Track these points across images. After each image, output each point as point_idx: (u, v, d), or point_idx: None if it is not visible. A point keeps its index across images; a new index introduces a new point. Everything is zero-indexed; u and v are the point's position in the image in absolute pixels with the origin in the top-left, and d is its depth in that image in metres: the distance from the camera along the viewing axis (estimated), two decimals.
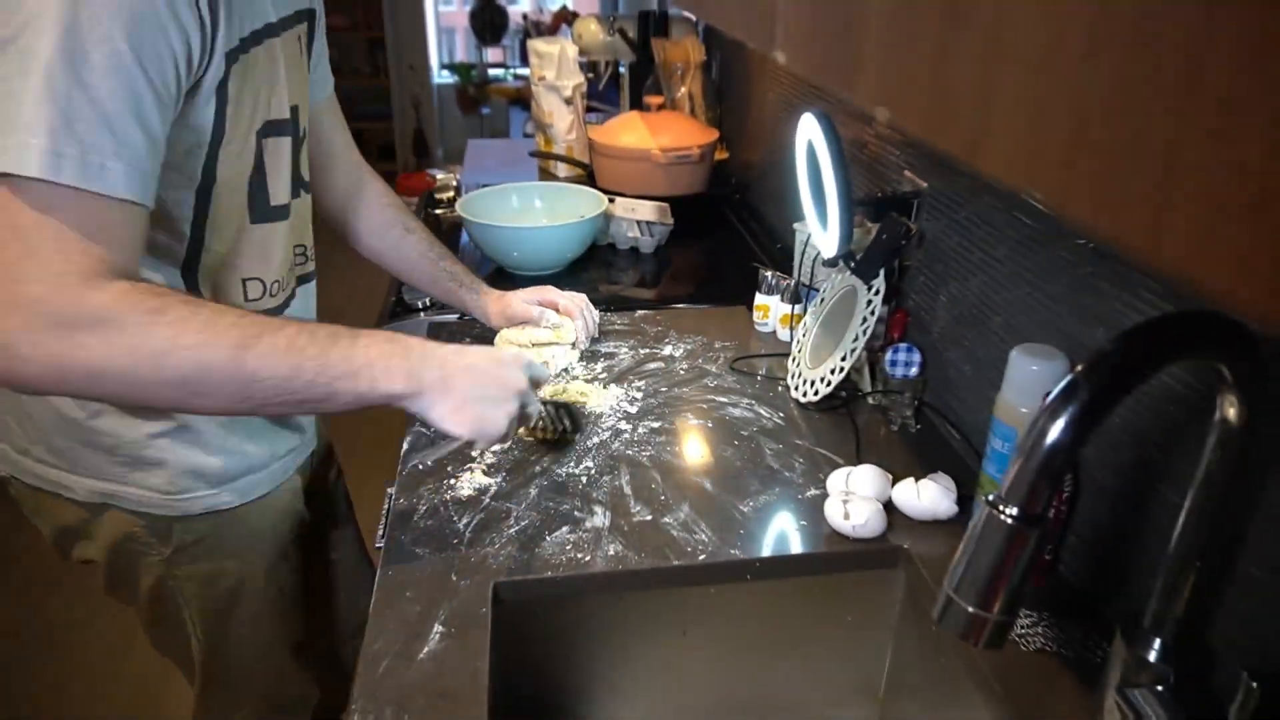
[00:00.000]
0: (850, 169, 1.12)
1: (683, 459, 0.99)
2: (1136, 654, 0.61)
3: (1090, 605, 0.79)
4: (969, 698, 0.76)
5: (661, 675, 0.91)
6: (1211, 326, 0.48)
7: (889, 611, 0.90)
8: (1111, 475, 0.77)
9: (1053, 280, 0.83)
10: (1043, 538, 0.49)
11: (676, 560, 0.84)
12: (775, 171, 1.69)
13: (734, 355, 1.23)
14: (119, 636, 2.03)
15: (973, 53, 0.37)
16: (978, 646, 0.51)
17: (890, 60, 0.46)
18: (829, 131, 1.01)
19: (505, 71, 5.82)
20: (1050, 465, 0.46)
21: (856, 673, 0.93)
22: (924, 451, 1.01)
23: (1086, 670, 0.73)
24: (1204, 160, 0.25)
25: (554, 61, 1.97)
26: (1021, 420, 0.78)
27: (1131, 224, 0.29)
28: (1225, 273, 0.25)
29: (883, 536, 0.86)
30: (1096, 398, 0.45)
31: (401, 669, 0.71)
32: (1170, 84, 0.26)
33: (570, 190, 1.62)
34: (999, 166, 0.36)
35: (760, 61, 1.79)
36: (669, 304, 1.40)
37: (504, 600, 0.81)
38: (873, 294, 1.04)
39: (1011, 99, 0.35)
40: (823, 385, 1.06)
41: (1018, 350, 0.78)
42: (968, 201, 0.97)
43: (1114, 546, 0.77)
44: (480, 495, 0.92)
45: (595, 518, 0.89)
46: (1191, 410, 0.68)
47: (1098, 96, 0.30)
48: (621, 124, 1.77)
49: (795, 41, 0.61)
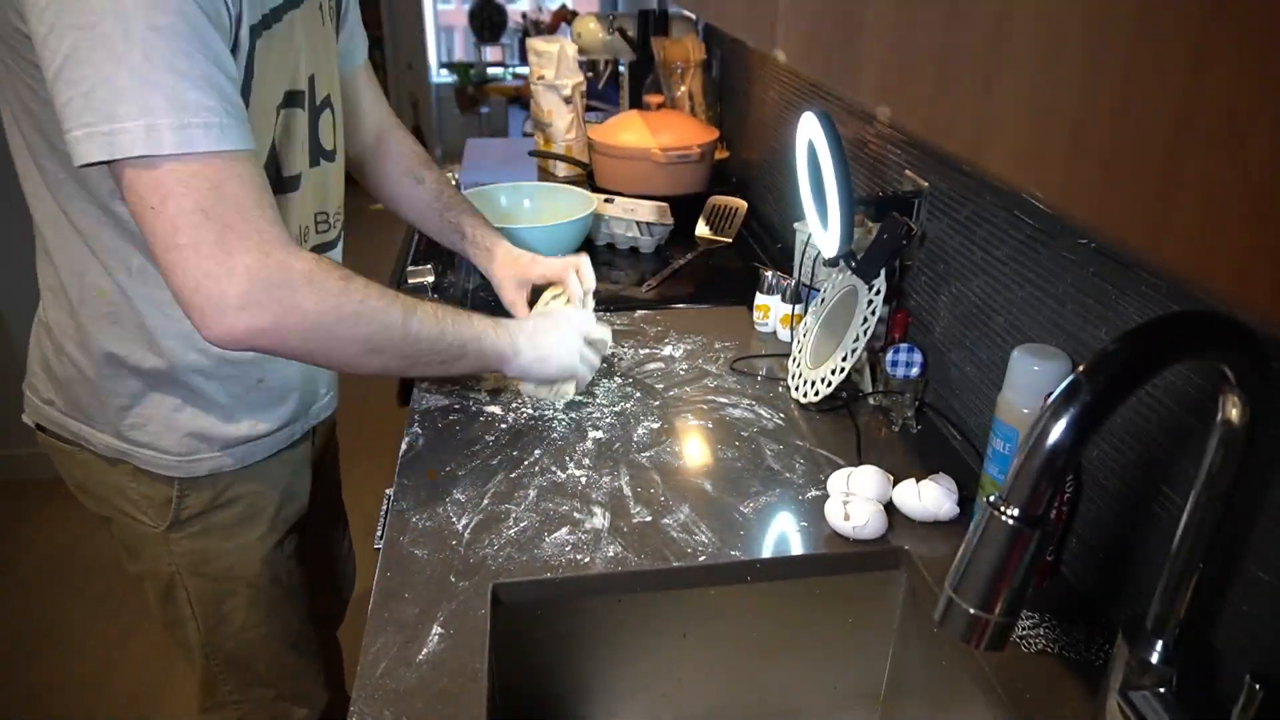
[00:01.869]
0: (851, 168, 1.12)
1: (683, 460, 0.99)
2: (1139, 656, 0.61)
3: (1092, 607, 0.79)
4: (970, 700, 0.76)
5: (661, 677, 0.91)
6: (1214, 327, 0.48)
7: (890, 613, 0.90)
8: (1114, 476, 0.77)
9: (1054, 280, 0.83)
10: (1044, 539, 0.48)
11: (676, 562, 0.83)
12: (775, 171, 1.68)
13: (734, 355, 1.23)
14: (119, 636, 2.03)
15: (974, 51, 0.37)
16: (979, 648, 0.50)
17: (891, 59, 0.45)
18: (829, 131, 1.00)
19: (504, 70, 5.82)
20: (1052, 466, 0.46)
21: (857, 674, 0.93)
22: (925, 452, 1.01)
23: (1089, 672, 0.72)
24: (1206, 160, 0.25)
25: (553, 60, 1.96)
26: (1023, 421, 0.77)
27: (1134, 224, 0.28)
28: (1227, 273, 0.25)
29: (883, 538, 0.86)
30: (1098, 398, 0.45)
31: (400, 670, 0.71)
32: (1173, 83, 0.26)
33: (560, 190, 1.61)
34: (1001, 166, 0.36)
35: (760, 60, 1.79)
36: (669, 304, 1.40)
37: (503, 602, 0.80)
38: (873, 294, 1.04)
39: (1013, 98, 0.35)
40: (823, 386, 1.06)
41: (1019, 350, 0.78)
42: (969, 201, 0.97)
43: (1116, 548, 0.77)
44: (479, 496, 0.92)
45: (595, 519, 0.89)
46: (1194, 411, 0.67)
47: (1100, 96, 0.29)
48: (621, 123, 1.77)
49: (796, 40, 0.60)
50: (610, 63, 2.43)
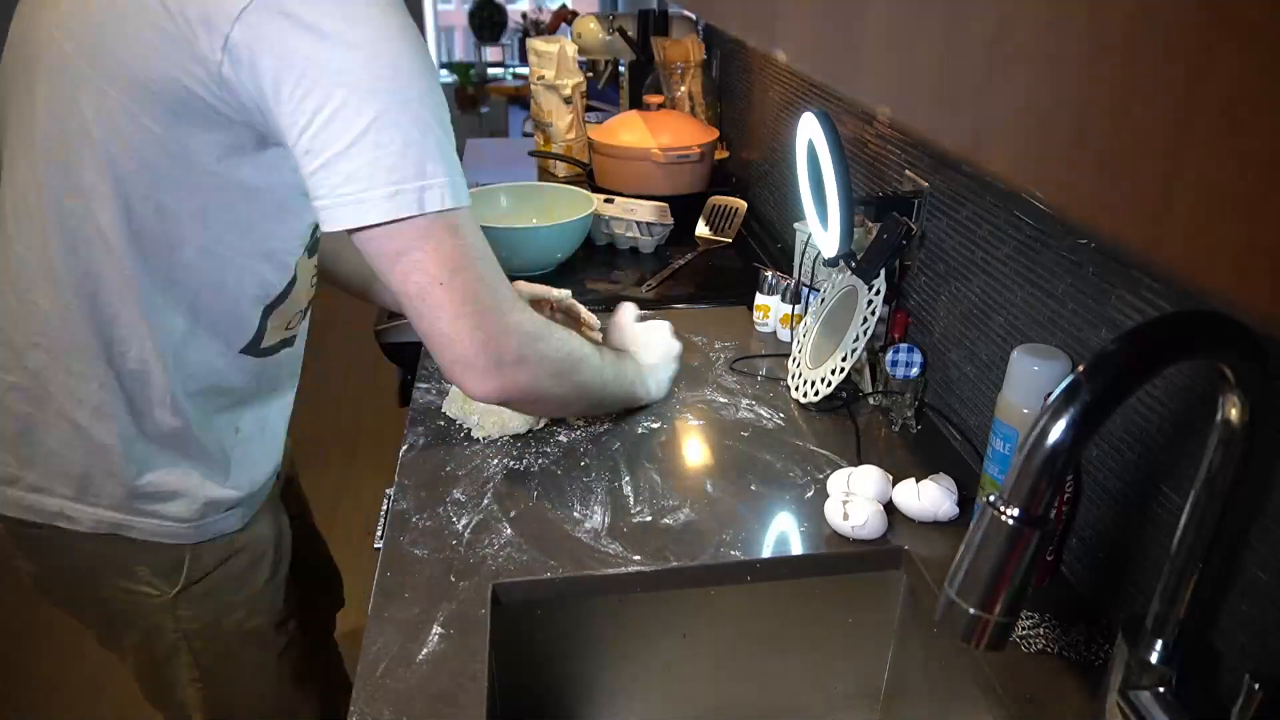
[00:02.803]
0: (851, 168, 1.12)
1: (682, 460, 0.99)
2: (1139, 656, 0.61)
3: (1092, 607, 0.79)
4: (970, 700, 0.76)
5: (661, 677, 0.91)
6: (1213, 326, 0.48)
7: (890, 613, 0.90)
8: (1114, 476, 0.77)
9: (1054, 280, 0.83)
10: (1044, 539, 0.48)
11: (676, 562, 0.83)
12: (775, 171, 1.68)
13: (734, 355, 1.23)
14: None
15: (974, 51, 0.37)
16: (979, 648, 0.50)
17: (891, 59, 0.45)
18: (829, 131, 1.00)
19: (504, 70, 5.82)
20: (1052, 466, 0.46)
21: (857, 675, 0.93)
22: (925, 452, 1.01)
23: (1089, 672, 0.72)
24: (1206, 160, 0.25)
25: (553, 60, 1.96)
26: (1023, 421, 0.77)
27: (1133, 224, 0.28)
28: (1227, 273, 0.25)
29: (883, 538, 0.86)
30: (1098, 398, 0.45)
31: (400, 671, 0.71)
32: (1173, 84, 0.26)
33: (560, 190, 1.61)
34: (1001, 166, 0.36)
35: (760, 60, 1.79)
36: (669, 304, 1.40)
37: (503, 602, 0.80)
38: (873, 294, 1.04)
39: (1013, 98, 0.35)
40: (823, 386, 1.06)
41: (1019, 350, 0.78)
42: (969, 201, 0.97)
43: (1116, 547, 0.77)
44: (479, 496, 0.92)
45: (594, 519, 0.89)
46: (1194, 411, 0.67)
47: (1100, 96, 0.29)
48: (621, 123, 1.77)
49: (796, 40, 0.60)
50: (610, 63, 2.43)
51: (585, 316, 1.19)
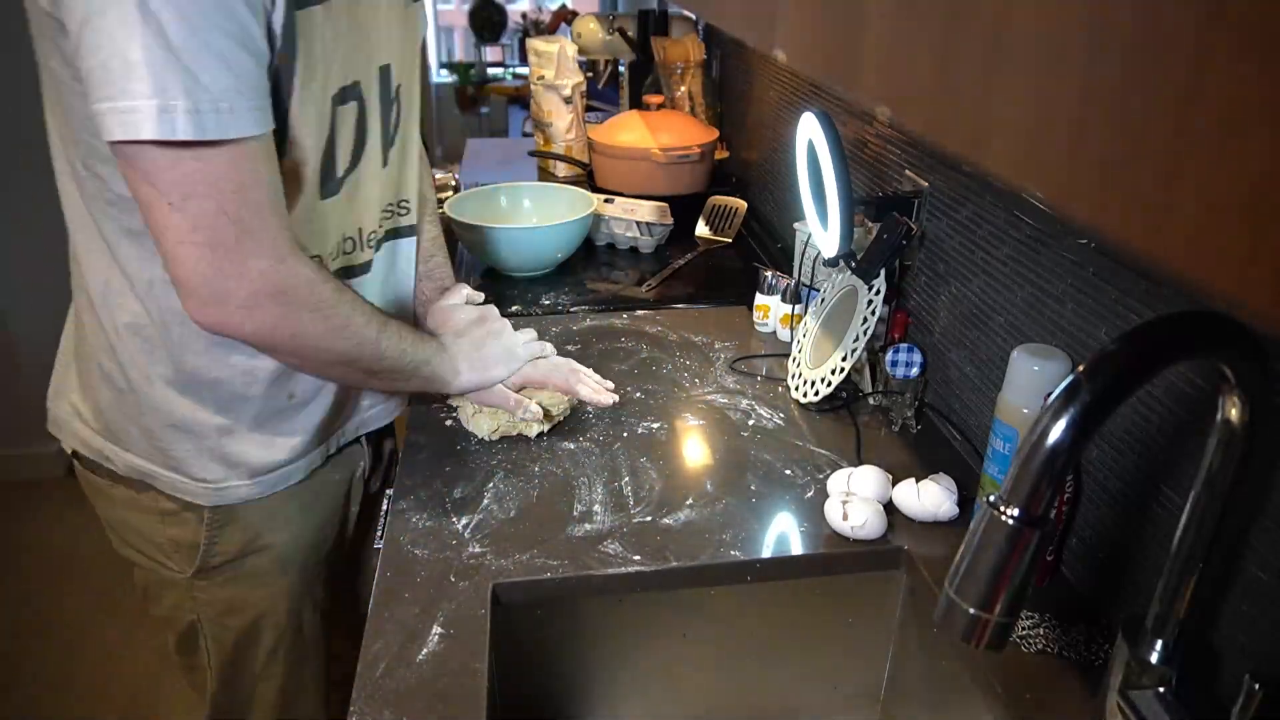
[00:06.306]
0: (851, 168, 1.11)
1: (683, 460, 0.99)
2: (1139, 656, 0.61)
3: (1092, 607, 0.79)
4: (970, 700, 0.75)
5: (661, 677, 0.91)
6: (1213, 327, 0.48)
7: (890, 613, 0.90)
8: (1114, 476, 0.77)
9: (1054, 280, 0.82)
10: (1044, 539, 0.48)
11: (676, 562, 0.83)
12: (775, 171, 1.68)
13: (734, 355, 1.23)
14: (119, 636, 2.02)
15: (975, 50, 0.37)
16: (979, 648, 0.50)
17: (891, 58, 0.45)
18: (829, 131, 1.00)
19: (504, 70, 5.81)
20: (1052, 466, 0.46)
21: (857, 675, 0.93)
22: (925, 452, 1.01)
23: (1089, 672, 0.72)
24: (1206, 160, 0.25)
25: (553, 60, 1.96)
26: (1023, 421, 0.77)
27: (1133, 224, 0.28)
28: (1227, 273, 0.25)
29: (883, 538, 0.86)
30: (1098, 398, 0.45)
31: (400, 671, 0.71)
32: (1173, 83, 0.26)
33: (561, 190, 1.61)
34: (1001, 165, 0.36)
35: (760, 60, 1.79)
36: (669, 304, 1.40)
37: (503, 602, 0.80)
38: (873, 294, 1.04)
39: (1014, 97, 0.35)
40: (823, 386, 1.06)
41: (1019, 350, 0.78)
42: (969, 201, 0.97)
43: (1116, 548, 0.77)
44: (479, 496, 0.92)
45: (594, 519, 0.89)
46: (1194, 411, 0.67)
47: (1100, 96, 0.29)
48: (621, 123, 1.77)
49: (795, 40, 0.60)
50: (610, 63, 2.43)
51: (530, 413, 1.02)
